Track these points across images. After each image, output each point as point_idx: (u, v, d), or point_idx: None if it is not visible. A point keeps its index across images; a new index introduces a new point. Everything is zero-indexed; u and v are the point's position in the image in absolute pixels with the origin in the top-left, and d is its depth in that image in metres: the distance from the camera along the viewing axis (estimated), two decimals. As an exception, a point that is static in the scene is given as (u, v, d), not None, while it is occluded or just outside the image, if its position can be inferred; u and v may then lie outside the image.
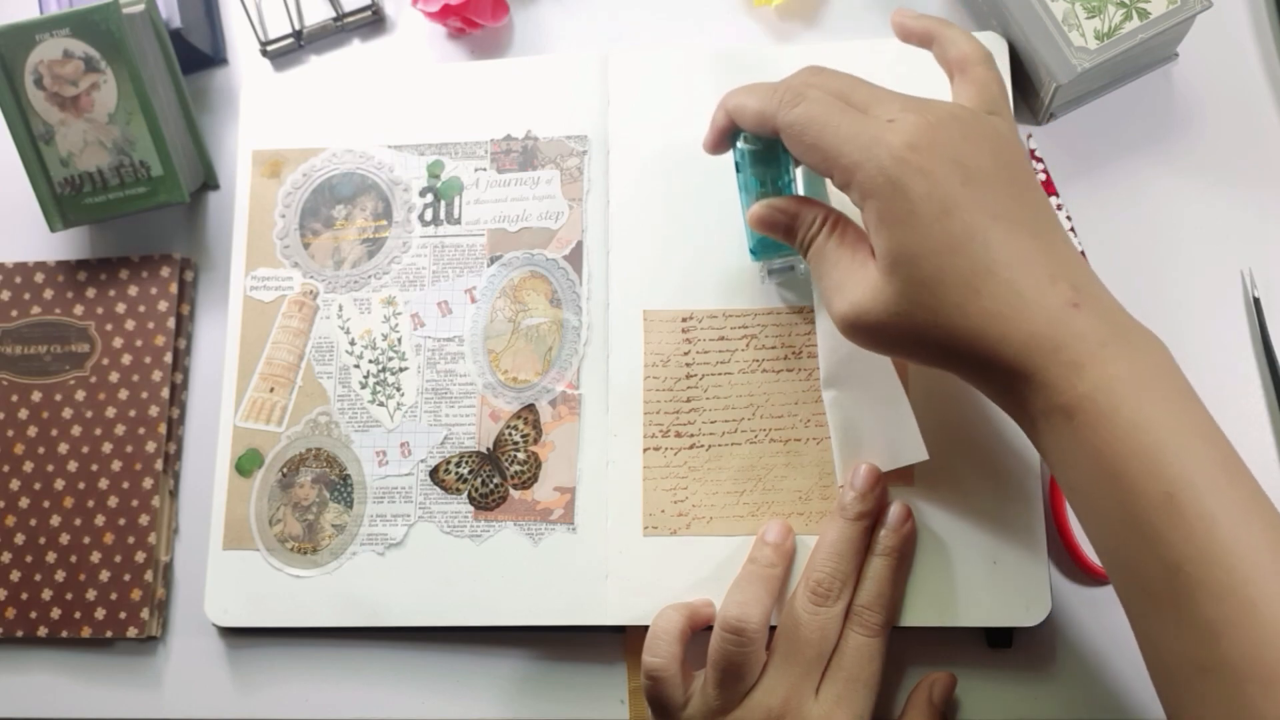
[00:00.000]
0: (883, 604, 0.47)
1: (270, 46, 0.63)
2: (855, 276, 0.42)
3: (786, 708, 0.46)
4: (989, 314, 0.39)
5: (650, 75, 0.57)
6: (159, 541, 0.56)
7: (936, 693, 0.49)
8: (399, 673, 0.54)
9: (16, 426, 0.58)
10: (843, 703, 0.46)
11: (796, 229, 0.46)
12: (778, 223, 0.46)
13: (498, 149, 0.58)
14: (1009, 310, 0.38)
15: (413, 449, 0.55)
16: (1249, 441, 0.51)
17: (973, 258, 0.39)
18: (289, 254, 0.58)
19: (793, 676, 0.46)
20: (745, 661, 0.46)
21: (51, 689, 0.56)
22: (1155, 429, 0.37)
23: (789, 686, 0.46)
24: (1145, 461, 0.36)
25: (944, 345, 0.40)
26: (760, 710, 0.46)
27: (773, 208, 0.46)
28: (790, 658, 0.47)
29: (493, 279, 0.56)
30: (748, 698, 0.46)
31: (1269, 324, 0.53)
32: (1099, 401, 0.37)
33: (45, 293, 0.59)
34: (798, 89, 0.43)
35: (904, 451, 0.49)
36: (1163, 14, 0.51)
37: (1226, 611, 0.35)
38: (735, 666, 0.46)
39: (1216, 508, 0.36)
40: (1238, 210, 0.54)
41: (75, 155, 0.57)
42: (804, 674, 0.46)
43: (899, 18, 0.48)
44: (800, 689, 0.46)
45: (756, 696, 0.46)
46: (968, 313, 0.39)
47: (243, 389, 0.57)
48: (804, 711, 0.46)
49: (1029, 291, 0.38)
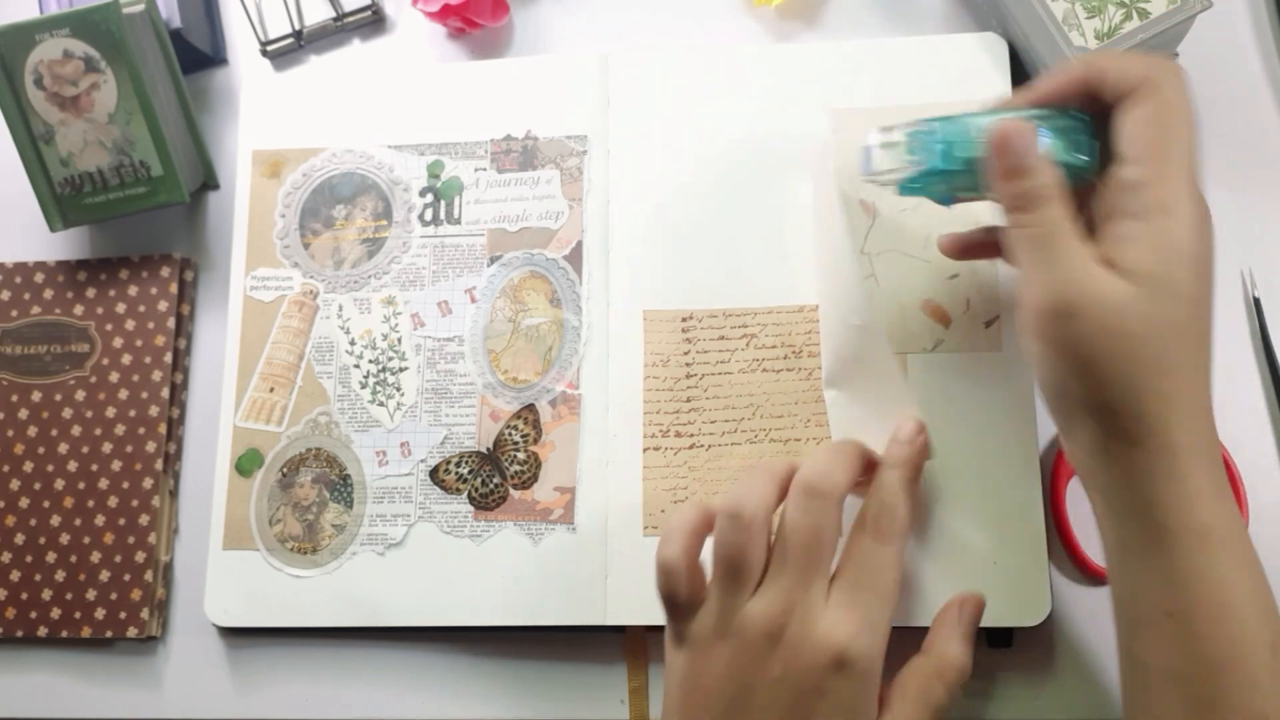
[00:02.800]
0: (893, 512, 0.43)
1: (270, 46, 0.63)
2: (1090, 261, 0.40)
3: (790, 616, 0.41)
4: (1193, 385, 0.39)
5: (650, 75, 0.57)
6: (159, 541, 0.56)
7: (967, 612, 0.46)
8: (399, 673, 0.54)
9: (16, 426, 0.58)
10: (854, 612, 0.41)
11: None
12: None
13: (498, 149, 0.58)
14: (1203, 400, 0.40)
15: (413, 449, 0.55)
16: (1249, 441, 0.51)
17: (1204, 339, 0.40)
18: (289, 254, 0.58)
19: (789, 581, 0.42)
20: (744, 552, 0.42)
21: (51, 689, 0.56)
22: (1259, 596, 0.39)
23: (788, 593, 0.42)
24: (1265, 609, 0.39)
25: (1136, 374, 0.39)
26: (763, 619, 0.41)
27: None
28: (784, 561, 0.42)
29: (493, 279, 0.56)
30: (748, 605, 0.42)
31: (1269, 324, 0.53)
32: (1234, 532, 0.39)
33: (45, 293, 0.59)
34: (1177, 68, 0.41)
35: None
36: (1163, 14, 0.51)
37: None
38: (734, 557, 0.42)
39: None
40: (1238, 210, 0.54)
41: (75, 155, 0.57)
42: (802, 579, 0.42)
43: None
44: (803, 596, 0.42)
45: (757, 605, 0.42)
46: (1177, 371, 0.39)
47: (243, 389, 0.57)
48: (811, 620, 0.41)
49: (1206, 402, 0.40)
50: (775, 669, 0.41)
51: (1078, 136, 0.42)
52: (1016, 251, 0.41)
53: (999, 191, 0.41)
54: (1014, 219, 0.41)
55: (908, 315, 0.52)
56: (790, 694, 0.41)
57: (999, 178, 0.41)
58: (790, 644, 0.41)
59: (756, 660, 0.41)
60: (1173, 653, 0.39)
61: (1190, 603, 0.38)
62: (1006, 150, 0.41)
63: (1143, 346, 0.38)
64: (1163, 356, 0.38)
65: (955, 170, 0.43)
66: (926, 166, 0.43)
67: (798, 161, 0.54)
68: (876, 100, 0.54)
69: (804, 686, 0.41)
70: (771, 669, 0.41)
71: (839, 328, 0.51)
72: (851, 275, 0.49)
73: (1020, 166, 0.41)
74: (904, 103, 0.54)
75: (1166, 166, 0.39)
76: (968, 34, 0.55)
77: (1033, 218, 0.40)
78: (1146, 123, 0.40)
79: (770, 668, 0.41)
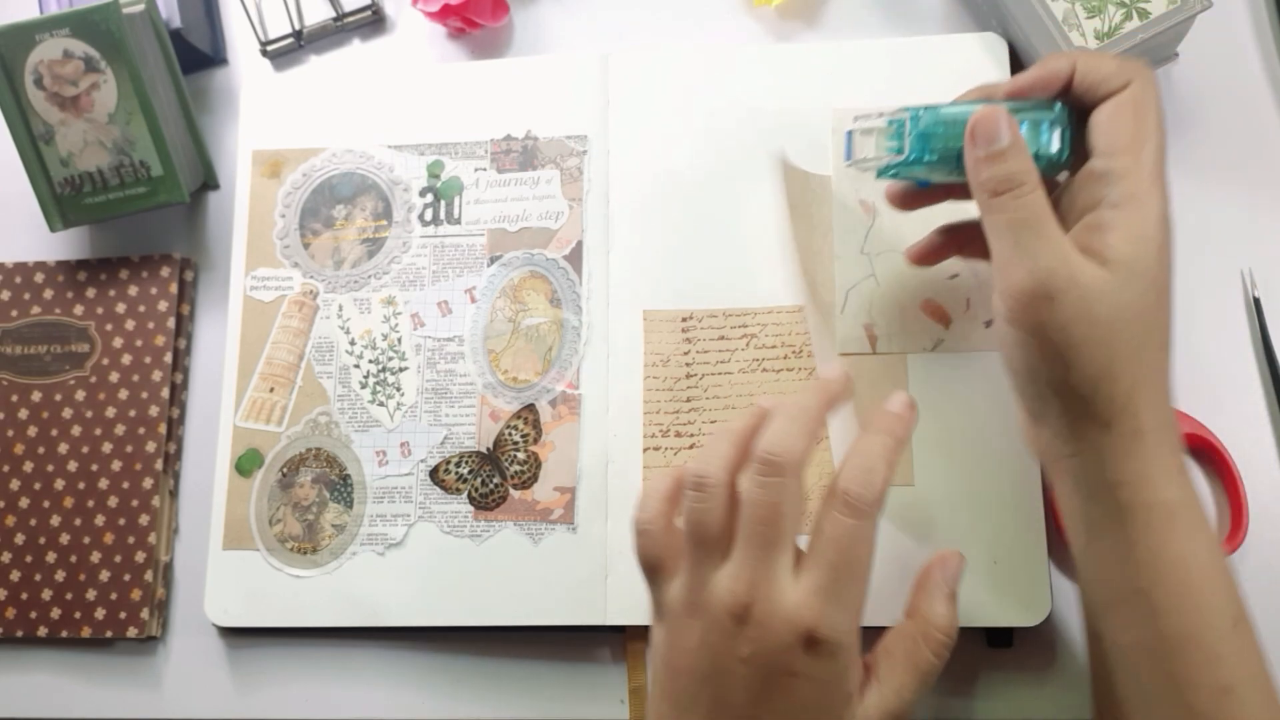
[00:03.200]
0: (870, 481, 0.40)
1: (270, 46, 0.63)
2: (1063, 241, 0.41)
3: (755, 594, 0.39)
4: (1157, 369, 0.41)
5: (650, 75, 0.57)
6: (159, 541, 0.56)
7: (949, 571, 0.45)
8: (399, 673, 0.54)
9: (16, 426, 0.58)
10: (823, 591, 0.39)
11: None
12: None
13: (498, 149, 0.58)
14: (1166, 384, 0.41)
15: (413, 449, 0.55)
16: (1249, 441, 0.51)
17: (1168, 325, 0.42)
18: (289, 254, 0.58)
19: (751, 559, 0.40)
20: (706, 519, 0.41)
21: (51, 689, 0.56)
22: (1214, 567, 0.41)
23: (751, 570, 0.40)
24: (1227, 585, 0.40)
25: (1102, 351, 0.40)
26: (728, 597, 0.40)
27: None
28: (747, 538, 0.40)
29: (493, 279, 0.56)
30: (715, 579, 0.40)
31: (1269, 324, 0.53)
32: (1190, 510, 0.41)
33: (45, 293, 0.59)
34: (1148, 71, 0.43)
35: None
36: (1163, 14, 0.51)
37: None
38: (698, 524, 0.41)
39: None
40: (1238, 210, 0.54)
41: (75, 155, 0.57)
42: (763, 555, 0.40)
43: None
44: (767, 573, 0.40)
45: (722, 580, 0.40)
46: (1144, 355, 0.40)
47: (243, 389, 0.57)
48: (777, 598, 0.39)
49: (1169, 386, 0.42)
50: (744, 649, 0.40)
51: (1054, 128, 0.43)
52: (994, 237, 0.41)
53: (977, 177, 0.42)
54: (993, 204, 0.41)
55: (908, 315, 0.52)
56: (762, 674, 0.40)
57: (978, 163, 0.42)
58: (758, 623, 0.40)
59: (726, 639, 0.40)
60: (1139, 630, 0.40)
61: (1154, 579, 0.40)
62: (986, 136, 0.42)
63: (1118, 332, 0.40)
64: (1135, 341, 0.40)
65: (933, 160, 0.43)
66: (905, 155, 0.44)
67: (798, 161, 0.54)
68: (876, 100, 0.54)
69: (775, 667, 0.40)
70: (740, 649, 0.40)
71: (823, 327, 0.51)
72: (827, 275, 0.49)
73: (999, 151, 0.41)
74: (904, 103, 0.54)
75: (1141, 160, 0.41)
76: (968, 34, 0.55)
77: (1012, 202, 0.41)
78: (1122, 118, 0.41)
79: (739, 648, 0.40)
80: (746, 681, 0.40)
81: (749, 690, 0.40)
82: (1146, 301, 0.40)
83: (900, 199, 0.49)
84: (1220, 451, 0.51)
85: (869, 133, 0.45)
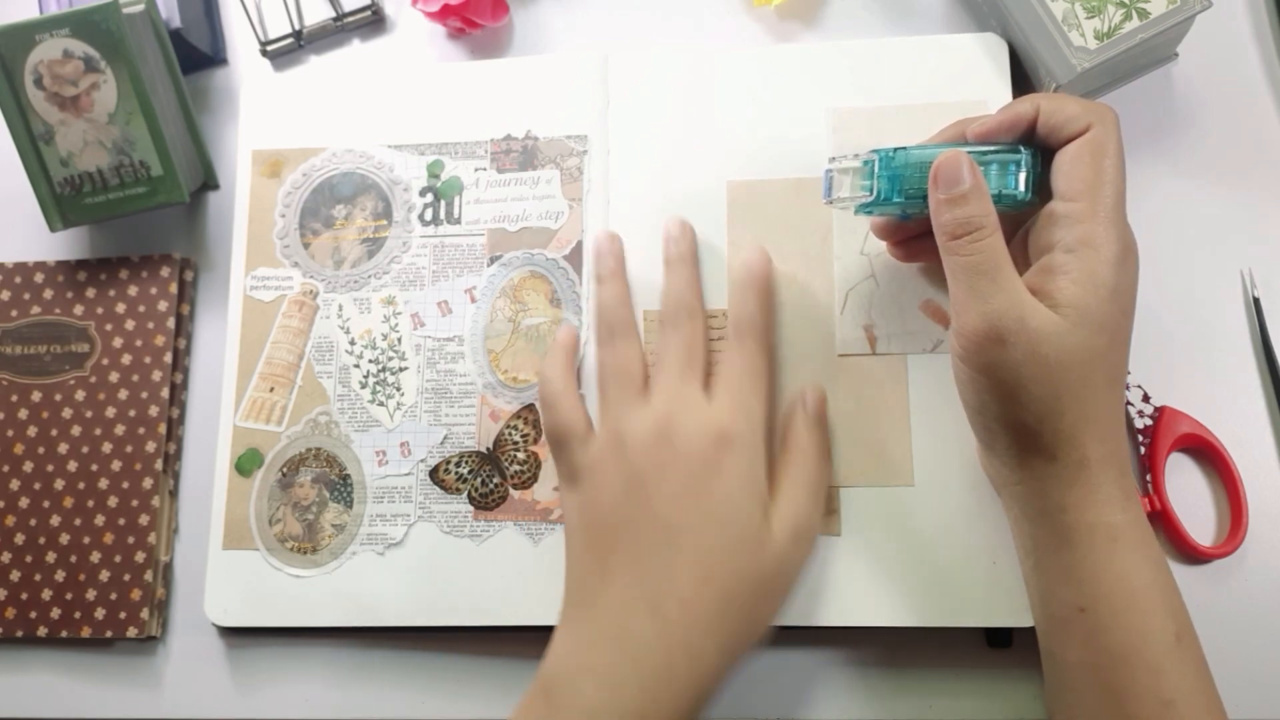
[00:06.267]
0: (743, 311, 0.50)
1: (270, 46, 0.63)
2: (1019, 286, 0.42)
3: (674, 414, 0.47)
4: (1106, 404, 0.42)
5: (650, 75, 0.57)
6: (159, 541, 0.56)
7: (810, 401, 0.50)
8: (399, 673, 0.54)
9: (16, 426, 0.58)
10: (729, 399, 0.47)
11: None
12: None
13: (498, 149, 0.58)
14: (1116, 418, 0.43)
15: (413, 449, 0.55)
16: (1249, 441, 0.51)
17: (1121, 365, 0.43)
18: (289, 254, 0.58)
19: (670, 385, 0.48)
20: (631, 365, 0.50)
21: (51, 689, 0.56)
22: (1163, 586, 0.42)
23: (670, 396, 0.48)
24: (1169, 602, 0.42)
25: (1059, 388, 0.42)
26: (650, 420, 0.47)
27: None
28: (665, 368, 0.49)
29: (493, 279, 0.56)
30: (635, 414, 0.48)
31: (1269, 324, 0.53)
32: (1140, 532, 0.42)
33: (45, 293, 0.60)
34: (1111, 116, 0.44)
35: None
36: (1163, 14, 0.51)
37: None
38: (619, 364, 0.50)
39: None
40: (1238, 210, 0.54)
41: (75, 155, 0.57)
42: (680, 379, 0.48)
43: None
44: (683, 392, 0.48)
45: (643, 411, 0.48)
46: (1090, 393, 0.42)
47: (243, 389, 0.57)
48: (692, 411, 0.47)
49: (1119, 419, 0.43)
50: (666, 456, 0.46)
51: (1019, 170, 0.44)
52: (951, 278, 0.43)
53: (938, 219, 0.43)
54: (951, 246, 0.43)
55: (907, 316, 0.52)
56: (684, 476, 0.46)
57: (939, 205, 0.43)
58: (679, 434, 0.46)
59: (650, 456, 0.46)
60: (1084, 646, 0.42)
61: (1097, 597, 0.41)
62: (948, 179, 0.43)
63: (1064, 373, 0.41)
64: (1081, 382, 0.41)
65: (902, 200, 0.45)
66: (875, 195, 0.45)
67: (798, 161, 0.54)
68: (876, 100, 0.54)
69: (696, 468, 0.46)
70: (663, 458, 0.46)
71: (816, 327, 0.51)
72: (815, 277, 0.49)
73: (960, 195, 0.43)
74: (904, 103, 0.54)
75: (1097, 204, 0.42)
76: (968, 34, 0.55)
77: (969, 245, 0.42)
78: (1081, 162, 0.42)
79: (663, 458, 0.46)
80: (671, 485, 0.45)
81: (673, 492, 0.45)
82: (1095, 344, 0.41)
83: (883, 231, 0.50)
84: (1220, 451, 0.51)
85: (845, 172, 0.46)
